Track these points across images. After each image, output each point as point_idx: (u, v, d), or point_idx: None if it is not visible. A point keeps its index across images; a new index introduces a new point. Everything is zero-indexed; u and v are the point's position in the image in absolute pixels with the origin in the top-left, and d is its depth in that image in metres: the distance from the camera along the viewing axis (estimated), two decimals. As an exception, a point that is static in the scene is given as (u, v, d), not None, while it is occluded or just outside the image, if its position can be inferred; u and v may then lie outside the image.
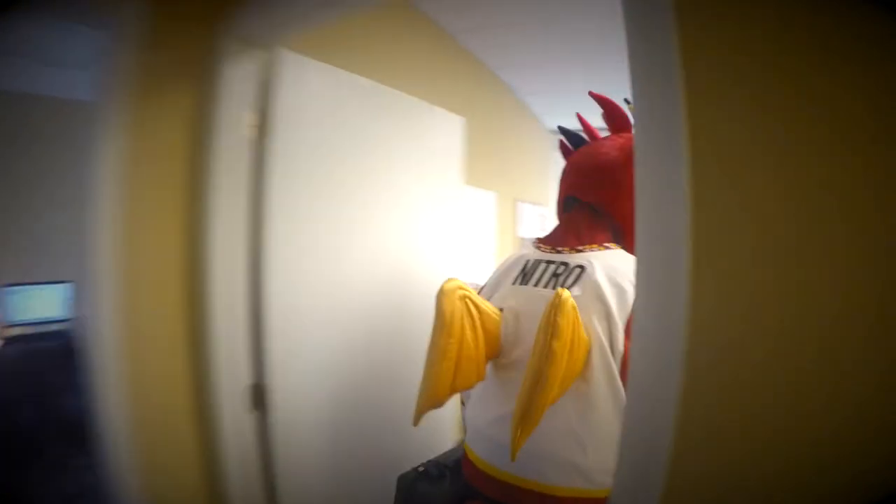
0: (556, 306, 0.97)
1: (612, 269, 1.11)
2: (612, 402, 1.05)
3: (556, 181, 1.37)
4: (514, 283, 1.24)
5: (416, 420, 1.17)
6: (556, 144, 1.46)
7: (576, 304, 1.00)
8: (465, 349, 1.11)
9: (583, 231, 1.22)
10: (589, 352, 1.06)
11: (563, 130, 1.42)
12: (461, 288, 1.12)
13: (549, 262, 1.21)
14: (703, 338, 0.63)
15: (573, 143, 1.39)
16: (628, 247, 1.17)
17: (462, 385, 1.16)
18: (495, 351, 1.19)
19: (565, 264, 1.17)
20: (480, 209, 2.94)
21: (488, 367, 1.20)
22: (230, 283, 1.40)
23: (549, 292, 1.11)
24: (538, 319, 1.01)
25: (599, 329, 1.06)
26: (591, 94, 1.30)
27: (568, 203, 1.32)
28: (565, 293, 0.99)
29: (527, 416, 0.97)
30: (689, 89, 0.63)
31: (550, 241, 1.27)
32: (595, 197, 1.25)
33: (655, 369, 0.69)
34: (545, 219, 4.01)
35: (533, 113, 4.07)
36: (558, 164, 1.40)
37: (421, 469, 1.33)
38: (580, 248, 1.19)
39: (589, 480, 1.06)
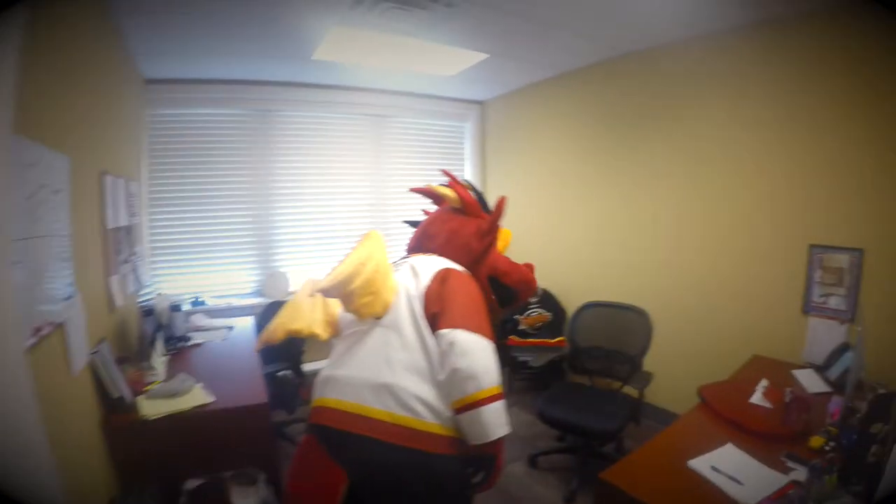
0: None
1: (421, 262, 1.78)
2: (418, 340, 1.55)
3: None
4: None
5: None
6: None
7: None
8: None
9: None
10: (398, 293, 1.67)
11: (410, 223, 2.19)
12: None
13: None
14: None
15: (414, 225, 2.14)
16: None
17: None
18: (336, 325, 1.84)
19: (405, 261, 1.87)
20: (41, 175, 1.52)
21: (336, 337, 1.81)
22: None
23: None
24: None
25: (409, 285, 1.69)
26: (412, 190, 2.20)
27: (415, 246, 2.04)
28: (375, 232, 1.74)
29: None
30: None
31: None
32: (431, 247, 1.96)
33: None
34: (135, 198, 3.24)
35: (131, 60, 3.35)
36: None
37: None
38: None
39: (401, 405, 1.43)
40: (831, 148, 2.72)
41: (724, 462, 1.82)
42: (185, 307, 3.74)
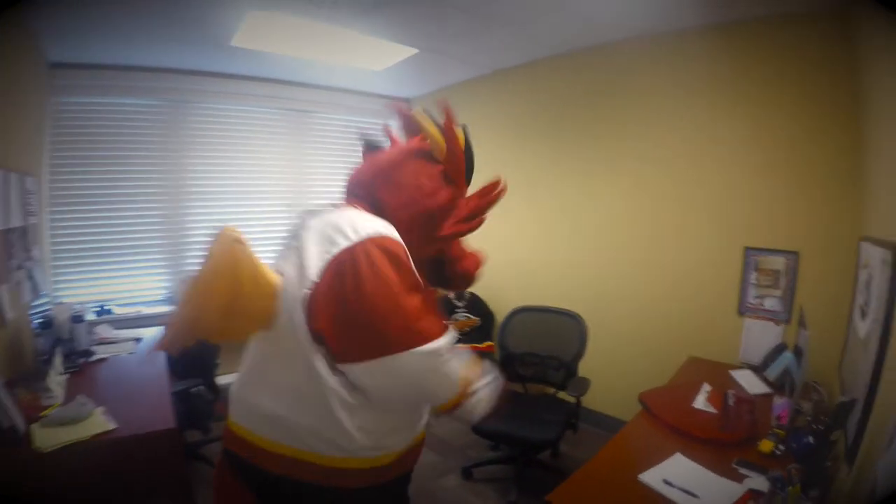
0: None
1: (319, 235, 1.18)
2: (303, 363, 1.10)
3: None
4: None
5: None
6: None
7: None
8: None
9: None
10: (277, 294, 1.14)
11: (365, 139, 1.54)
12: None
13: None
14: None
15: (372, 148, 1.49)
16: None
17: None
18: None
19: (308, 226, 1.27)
20: None
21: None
22: None
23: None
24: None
25: (291, 281, 1.14)
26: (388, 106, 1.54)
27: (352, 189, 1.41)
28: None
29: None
30: None
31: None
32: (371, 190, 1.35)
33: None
34: (32, 195, 2.87)
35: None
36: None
37: None
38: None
39: (295, 438, 1.12)
40: (769, 152, 2.74)
41: (675, 474, 1.69)
42: (89, 317, 3.35)
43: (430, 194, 1.30)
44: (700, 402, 2.26)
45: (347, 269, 1.08)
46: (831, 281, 2.48)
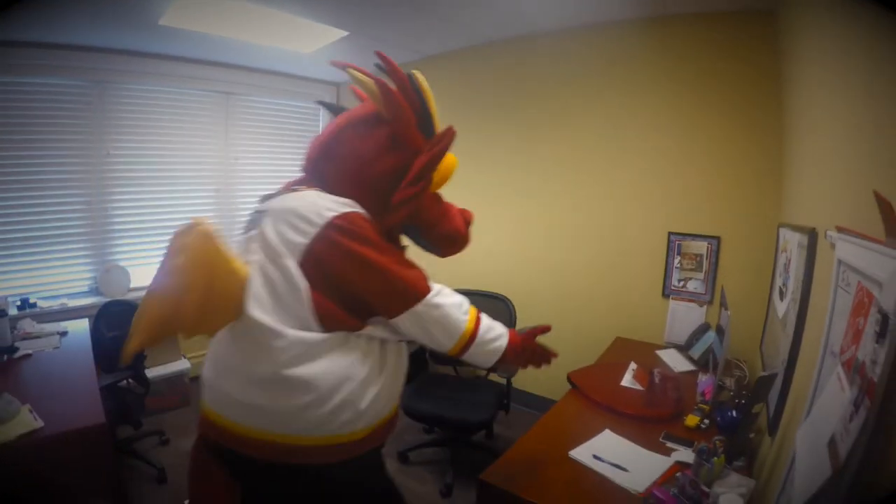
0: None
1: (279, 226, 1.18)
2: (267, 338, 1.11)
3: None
4: None
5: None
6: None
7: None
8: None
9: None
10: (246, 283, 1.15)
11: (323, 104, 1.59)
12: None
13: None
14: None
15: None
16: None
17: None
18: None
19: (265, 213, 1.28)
20: None
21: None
22: None
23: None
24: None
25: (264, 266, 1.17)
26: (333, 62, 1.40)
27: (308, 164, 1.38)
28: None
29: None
30: None
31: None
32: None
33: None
34: None
35: None
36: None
37: None
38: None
39: (259, 417, 1.13)
40: (694, 143, 2.84)
41: (605, 449, 1.72)
42: (12, 311, 3.06)
43: (370, 162, 1.25)
44: (627, 380, 2.33)
45: (325, 260, 1.13)
46: (752, 264, 2.62)
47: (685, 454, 1.66)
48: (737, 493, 1.33)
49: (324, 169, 1.29)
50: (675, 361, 2.59)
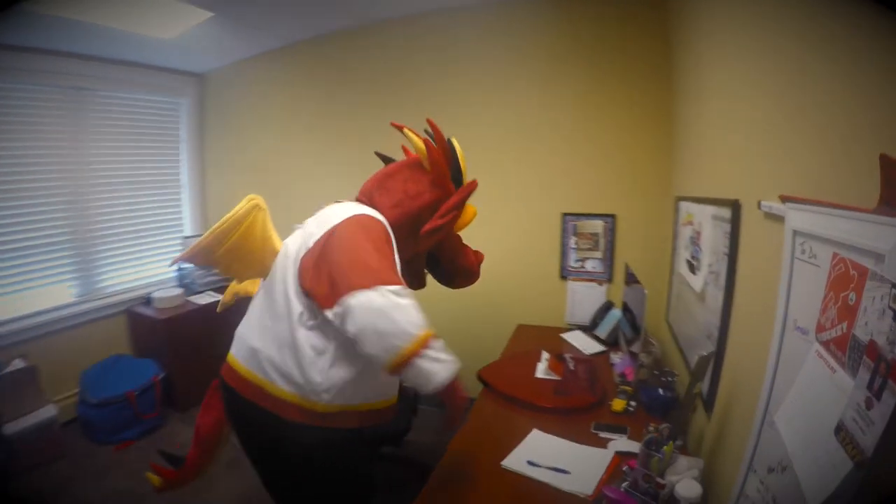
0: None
1: (332, 212, 1.49)
2: (285, 308, 1.39)
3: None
4: None
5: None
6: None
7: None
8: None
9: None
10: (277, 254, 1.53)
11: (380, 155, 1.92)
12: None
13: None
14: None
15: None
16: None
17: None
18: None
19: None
20: None
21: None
22: None
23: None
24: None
25: (293, 246, 1.49)
26: (393, 125, 1.70)
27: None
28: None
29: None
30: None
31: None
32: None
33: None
34: None
35: None
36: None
37: None
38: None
39: (259, 369, 1.39)
40: (583, 120, 2.83)
41: (538, 452, 1.60)
42: None
43: (413, 197, 1.60)
44: (541, 370, 2.25)
45: (329, 237, 1.37)
46: (650, 240, 2.68)
47: (623, 443, 1.59)
48: (690, 477, 1.27)
49: (377, 199, 1.61)
50: (583, 343, 2.57)
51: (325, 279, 1.29)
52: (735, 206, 1.38)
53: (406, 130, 1.64)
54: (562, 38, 2.83)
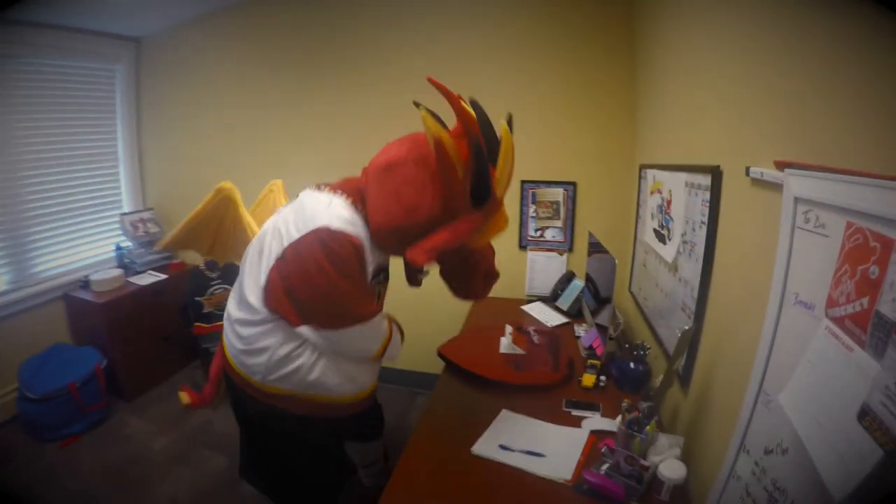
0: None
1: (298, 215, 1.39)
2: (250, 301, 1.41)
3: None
4: None
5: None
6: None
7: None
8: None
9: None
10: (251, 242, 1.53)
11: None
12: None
13: None
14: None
15: None
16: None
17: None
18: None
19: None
20: None
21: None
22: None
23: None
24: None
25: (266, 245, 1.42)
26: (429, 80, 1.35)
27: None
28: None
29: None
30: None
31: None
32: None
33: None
34: None
35: None
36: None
37: None
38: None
39: (231, 347, 1.49)
40: (543, 85, 2.70)
41: (510, 435, 1.52)
42: None
43: (407, 209, 1.30)
44: (505, 345, 2.16)
45: (293, 254, 1.30)
46: (612, 208, 2.62)
47: (597, 421, 1.54)
48: (673, 457, 1.22)
49: (369, 191, 1.37)
50: (545, 315, 2.51)
51: (290, 305, 1.32)
52: (715, 173, 1.30)
53: (423, 114, 1.28)
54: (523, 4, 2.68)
